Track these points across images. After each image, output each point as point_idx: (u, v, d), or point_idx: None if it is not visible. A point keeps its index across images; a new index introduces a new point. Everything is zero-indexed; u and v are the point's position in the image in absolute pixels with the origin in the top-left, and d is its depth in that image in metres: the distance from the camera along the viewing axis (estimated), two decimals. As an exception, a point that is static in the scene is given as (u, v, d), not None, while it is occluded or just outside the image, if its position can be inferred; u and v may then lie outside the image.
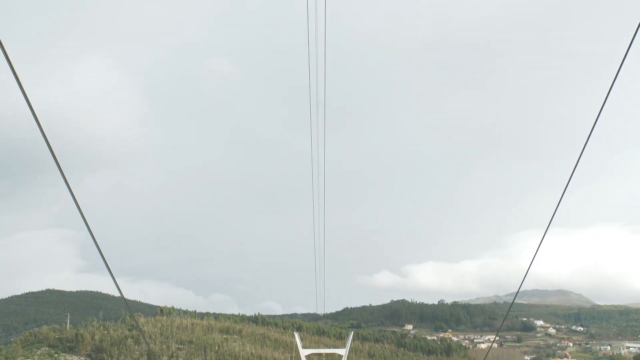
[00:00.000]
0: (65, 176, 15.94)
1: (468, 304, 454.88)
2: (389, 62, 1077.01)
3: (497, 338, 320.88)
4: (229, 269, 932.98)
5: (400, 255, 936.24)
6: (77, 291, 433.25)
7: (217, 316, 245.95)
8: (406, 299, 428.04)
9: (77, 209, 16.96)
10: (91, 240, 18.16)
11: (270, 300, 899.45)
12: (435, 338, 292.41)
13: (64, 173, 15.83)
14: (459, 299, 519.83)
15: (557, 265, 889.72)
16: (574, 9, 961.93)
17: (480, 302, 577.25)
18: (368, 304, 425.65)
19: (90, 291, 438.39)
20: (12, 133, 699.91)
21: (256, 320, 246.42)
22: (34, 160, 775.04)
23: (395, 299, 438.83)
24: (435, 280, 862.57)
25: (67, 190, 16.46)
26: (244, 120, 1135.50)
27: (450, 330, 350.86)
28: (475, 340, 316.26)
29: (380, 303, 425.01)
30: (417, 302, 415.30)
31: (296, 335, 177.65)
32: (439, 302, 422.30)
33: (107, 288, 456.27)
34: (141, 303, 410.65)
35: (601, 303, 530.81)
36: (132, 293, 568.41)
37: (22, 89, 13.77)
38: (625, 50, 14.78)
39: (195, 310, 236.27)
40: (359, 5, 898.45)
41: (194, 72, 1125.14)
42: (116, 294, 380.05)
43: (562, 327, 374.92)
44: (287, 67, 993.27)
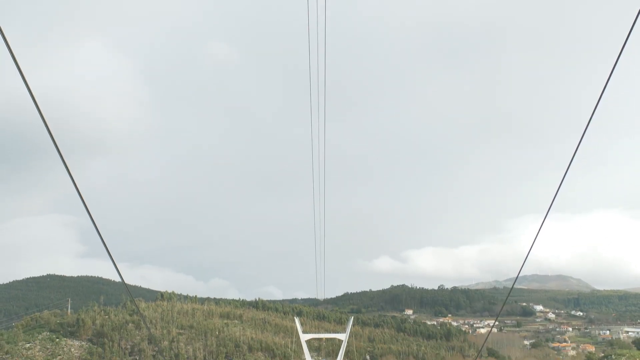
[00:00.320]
0: (65, 161, 15.81)
1: (468, 289, 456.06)
2: (393, 46, 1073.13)
3: (497, 323, 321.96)
4: (229, 254, 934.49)
5: (400, 241, 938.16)
6: (77, 276, 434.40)
7: (217, 301, 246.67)
8: (406, 284, 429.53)
9: (77, 194, 16.98)
10: (91, 225, 18.10)
11: (270, 285, 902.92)
12: (435, 323, 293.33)
13: (63, 158, 15.70)
14: (458, 284, 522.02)
15: (556, 250, 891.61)
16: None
17: (480, 287, 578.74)
18: (368, 289, 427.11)
19: (91, 276, 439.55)
20: (11, 118, 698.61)
21: (256, 305, 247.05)
22: (33, 145, 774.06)
23: (395, 284, 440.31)
24: (435, 265, 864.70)
25: (67, 175, 16.32)
26: (244, 104, 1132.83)
27: (450, 315, 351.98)
28: (475, 325, 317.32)
29: (380, 288, 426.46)
30: (417, 287, 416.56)
31: (296, 320, 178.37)
32: (438, 287, 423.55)
33: (107, 273, 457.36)
34: (142, 288, 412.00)
35: (600, 288, 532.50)
36: (132, 278, 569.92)
37: (22, 74, 13.63)
38: (625, 36, 14.48)
39: (195, 296, 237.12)
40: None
41: (193, 55, 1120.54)
42: (117, 279, 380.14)
43: (562, 312, 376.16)
44: (286, 50, 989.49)
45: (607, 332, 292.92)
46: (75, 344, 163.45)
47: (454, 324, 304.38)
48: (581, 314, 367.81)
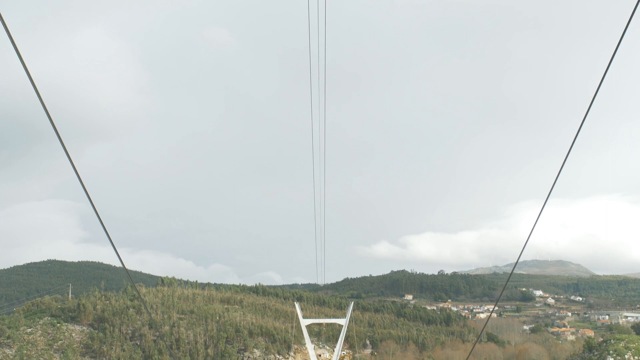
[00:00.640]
0: (65, 146, 15.69)
1: (467, 274, 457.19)
2: (397, 29, 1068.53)
3: (496, 308, 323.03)
4: (229, 239, 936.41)
5: (399, 226, 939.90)
6: (78, 261, 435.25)
7: (217, 286, 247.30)
8: (406, 269, 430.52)
9: (76, 180, 17.02)
10: (91, 210, 17.97)
11: (270, 271, 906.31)
12: (435, 308, 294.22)
13: (64, 143, 15.60)
14: (457, 269, 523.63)
15: (556, 236, 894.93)
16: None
17: (479, 272, 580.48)
18: (368, 275, 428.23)
19: (91, 262, 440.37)
20: (9, 103, 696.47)
21: (257, 290, 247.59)
22: (33, 131, 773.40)
23: (395, 269, 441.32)
24: (434, 250, 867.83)
25: (66, 160, 16.19)
26: (243, 89, 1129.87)
27: (449, 300, 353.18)
28: (474, 310, 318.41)
29: (381, 273, 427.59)
30: (417, 273, 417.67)
31: (297, 306, 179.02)
32: (438, 272, 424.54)
33: (108, 258, 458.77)
34: (142, 273, 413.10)
35: (600, 273, 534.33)
36: (132, 263, 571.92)
37: (21, 59, 13.42)
38: (625, 23, 14.19)
39: (196, 281, 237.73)
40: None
41: (191, 40, 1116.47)
42: (117, 264, 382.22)
43: (561, 297, 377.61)
44: (285, 34, 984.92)
45: (606, 317, 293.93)
46: (76, 329, 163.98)
47: (454, 309, 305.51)
48: (580, 299, 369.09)
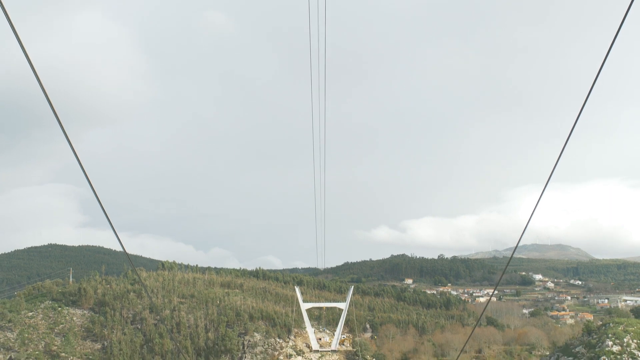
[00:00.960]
0: (65, 131, 15.58)
1: (467, 258, 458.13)
2: (401, 14, 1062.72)
3: (496, 292, 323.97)
4: (229, 223, 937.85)
5: (399, 210, 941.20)
6: (79, 246, 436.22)
7: (218, 271, 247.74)
8: (406, 253, 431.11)
9: (76, 164, 17.09)
10: (91, 195, 17.93)
11: (270, 255, 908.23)
12: (435, 292, 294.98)
13: (64, 128, 15.48)
14: (457, 253, 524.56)
15: (556, 220, 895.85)
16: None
17: (479, 256, 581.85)
18: (368, 259, 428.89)
19: (92, 246, 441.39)
20: (8, 87, 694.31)
21: (257, 274, 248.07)
22: (31, 115, 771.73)
23: (395, 253, 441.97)
24: (434, 235, 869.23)
25: (66, 145, 16.13)
26: (242, 73, 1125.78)
27: (449, 284, 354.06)
28: (474, 294, 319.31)
29: (381, 258, 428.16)
30: (417, 257, 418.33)
31: (297, 290, 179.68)
32: (438, 256, 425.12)
33: (108, 243, 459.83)
34: (142, 257, 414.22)
35: (599, 257, 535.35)
36: (132, 247, 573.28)
37: (21, 44, 13.15)
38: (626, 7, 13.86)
39: (196, 265, 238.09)
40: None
41: (189, 23, 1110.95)
42: (118, 248, 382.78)
43: (561, 281, 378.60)
44: (285, 17, 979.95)
45: (606, 300, 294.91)
46: (77, 313, 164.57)
47: (454, 293, 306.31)
48: (580, 283, 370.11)
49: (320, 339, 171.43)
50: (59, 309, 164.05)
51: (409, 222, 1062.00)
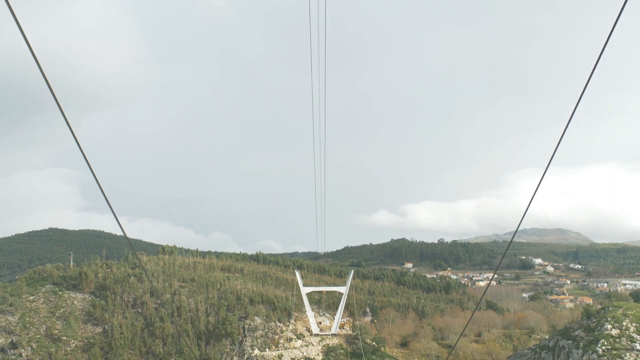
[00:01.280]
0: (65, 115, 15.50)
1: (467, 242, 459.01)
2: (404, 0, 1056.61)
3: (496, 276, 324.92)
4: (228, 207, 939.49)
5: (398, 195, 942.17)
6: (79, 230, 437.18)
7: (218, 255, 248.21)
8: (406, 237, 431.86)
9: (76, 149, 17.05)
10: (91, 179, 17.84)
11: (270, 239, 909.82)
12: (435, 276, 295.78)
13: (64, 112, 15.40)
14: (457, 237, 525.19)
15: (555, 204, 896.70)
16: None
17: (479, 240, 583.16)
18: (368, 243, 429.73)
19: (92, 230, 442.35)
20: (6, 72, 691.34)
21: (257, 258, 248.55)
22: (30, 99, 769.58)
23: (395, 237, 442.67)
24: (433, 219, 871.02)
25: (65, 129, 16.05)
26: (242, 57, 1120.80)
27: (449, 269, 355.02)
28: (474, 278, 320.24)
29: (381, 242, 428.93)
30: (417, 241, 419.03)
31: (297, 274, 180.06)
32: (438, 240, 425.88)
33: (109, 227, 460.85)
34: (142, 241, 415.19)
35: (599, 241, 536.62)
36: (132, 232, 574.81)
37: (20, 28, 12.91)
38: None
39: (197, 249, 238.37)
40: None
41: (188, 5, 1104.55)
42: (118, 232, 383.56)
43: (560, 265, 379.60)
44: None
45: (605, 284, 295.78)
46: (78, 297, 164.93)
47: (454, 277, 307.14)
48: (579, 267, 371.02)
49: (320, 322, 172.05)
50: (60, 292, 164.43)
51: (408, 206, 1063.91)
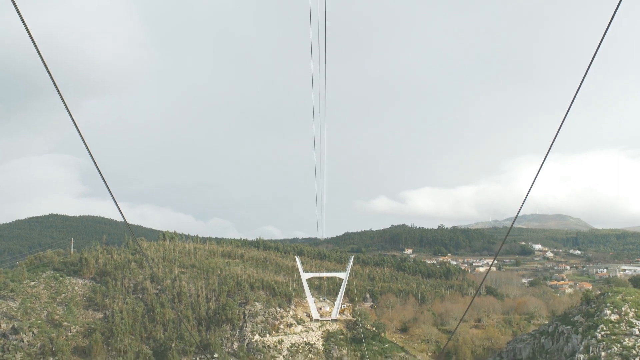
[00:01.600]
0: (65, 101, 15.40)
1: (467, 228, 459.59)
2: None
3: (496, 262, 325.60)
4: (228, 194, 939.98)
5: (398, 181, 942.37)
6: (79, 216, 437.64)
7: (218, 241, 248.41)
8: (406, 223, 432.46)
9: (76, 135, 16.99)
10: (91, 165, 17.80)
11: (270, 225, 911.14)
12: (435, 262, 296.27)
13: (63, 98, 15.26)
14: (457, 223, 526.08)
15: (555, 190, 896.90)
16: None
17: (479, 226, 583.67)
18: (368, 229, 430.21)
19: (93, 216, 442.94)
20: (4, 57, 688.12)
21: (257, 244, 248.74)
22: (29, 85, 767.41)
23: (395, 223, 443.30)
24: (433, 205, 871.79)
25: (64, 115, 16.06)
26: (241, 37, 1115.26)
27: (449, 254, 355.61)
28: (474, 264, 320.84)
29: (381, 228, 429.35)
30: (417, 227, 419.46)
31: (297, 260, 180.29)
32: (438, 226, 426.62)
33: (109, 213, 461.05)
34: (143, 227, 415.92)
35: (599, 227, 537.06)
36: (133, 218, 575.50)
37: (18, 12, 12.74)
38: None
39: (197, 235, 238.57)
40: None
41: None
42: (118, 218, 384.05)
43: (560, 250, 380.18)
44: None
45: (605, 270, 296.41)
46: (78, 282, 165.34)
47: (453, 262, 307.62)
48: (579, 252, 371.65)
49: (320, 308, 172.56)
50: (61, 278, 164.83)
51: (408, 192, 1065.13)
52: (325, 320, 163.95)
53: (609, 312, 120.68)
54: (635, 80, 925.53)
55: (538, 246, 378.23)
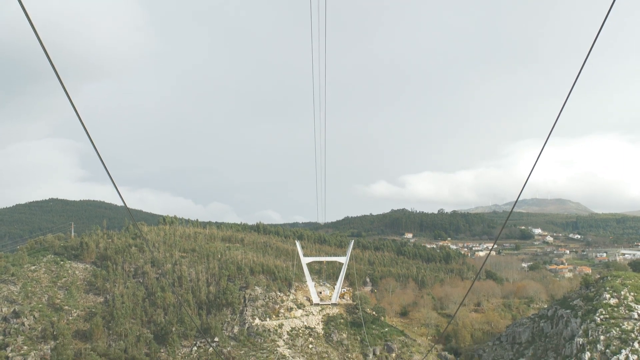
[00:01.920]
0: (64, 85, 15.28)
1: (467, 212, 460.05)
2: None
3: (495, 246, 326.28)
4: (228, 178, 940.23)
5: (397, 166, 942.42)
6: (80, 200, 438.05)
7: (218, 225, 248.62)
8: (406, 208, 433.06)
9: (75, 119, 16.70)
10: (90, 149, 17.66)
11: (269, 209, 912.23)
12: (435, 246, 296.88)
13: (62, 82, 15.15)
14: (457, 208, 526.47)
15: (555, 174, 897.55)
16: None
17: (479, 211, 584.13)
18: (368, 213, 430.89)
19: (93, 200, 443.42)
20: (4, 41, 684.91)
21: (257, 229, 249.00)
22: (27, 69, 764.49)
23: (395, 208, 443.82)
24: (432, 190, 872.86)
25: (63, 99, 15.75)
26: (240, 18, 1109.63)
27: (449, 239, 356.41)
28: (474, 248, 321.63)
29: (381, 212, 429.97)
30: (417, 212, 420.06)
31: (297, 244, 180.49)
32: (438, 211, 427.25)
33: (109, 197, 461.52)
34: (143, 212, 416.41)
35: (598, 211, 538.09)
36: (132, 202, 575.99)
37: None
38: None
39: (197, 220, 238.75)
40: None
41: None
42: (118, 203, 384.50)
43: (560, 235, 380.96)
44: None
45: (604, 254, 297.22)
46: (79, 267, 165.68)
47: (453, 247, 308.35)
48: (579, 237, 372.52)
49: (320, 292, 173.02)
50: (61, 262, 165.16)
51: (407, 177, 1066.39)
52: (326, 305, 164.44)
53: (608, 296, 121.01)
54: (636, 65, 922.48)
55: (538, 230, 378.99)
